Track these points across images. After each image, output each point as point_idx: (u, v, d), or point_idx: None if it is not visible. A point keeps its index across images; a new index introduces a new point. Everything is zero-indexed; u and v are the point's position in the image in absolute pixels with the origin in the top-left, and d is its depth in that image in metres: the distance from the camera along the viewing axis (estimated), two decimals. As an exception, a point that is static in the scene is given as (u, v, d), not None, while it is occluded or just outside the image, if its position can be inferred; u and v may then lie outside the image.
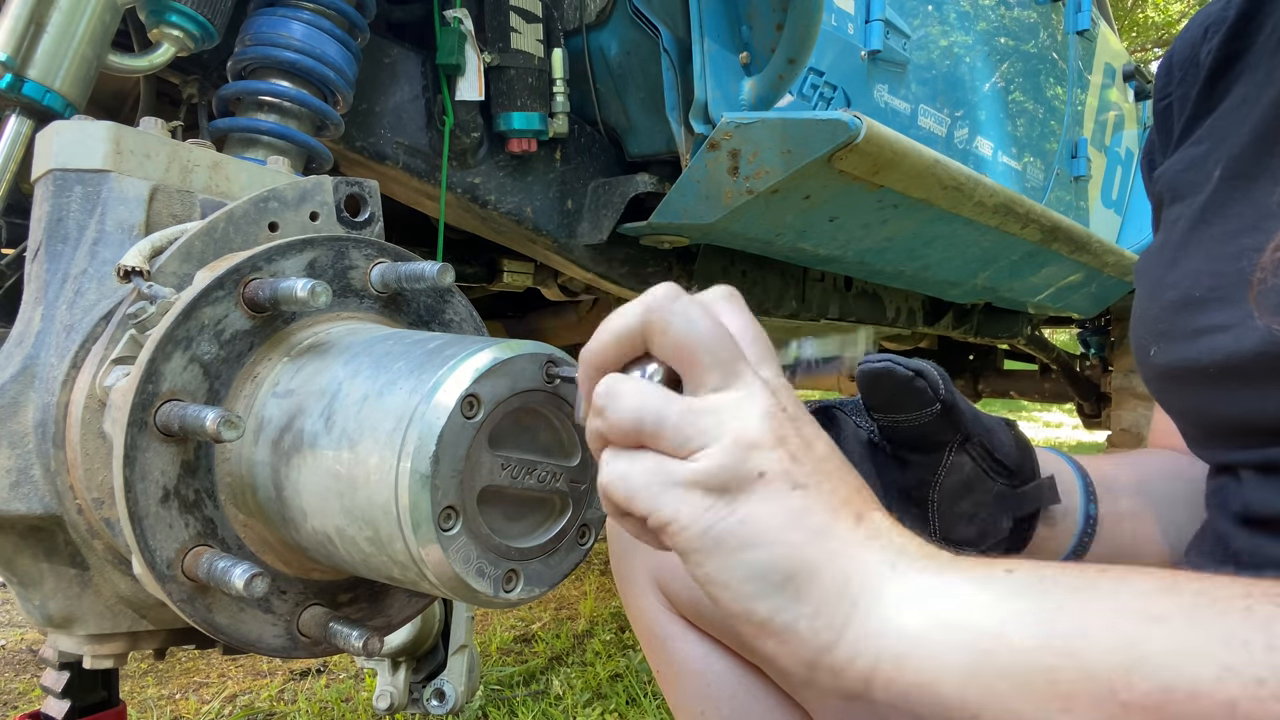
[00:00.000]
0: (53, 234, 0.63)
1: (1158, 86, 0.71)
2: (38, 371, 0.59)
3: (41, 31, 0.73)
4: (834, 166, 1.18)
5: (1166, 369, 0.58)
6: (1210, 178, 0.58)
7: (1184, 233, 0.59)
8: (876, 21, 1.41)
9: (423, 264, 0.58)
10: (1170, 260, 0.59)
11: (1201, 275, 0.55)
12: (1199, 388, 0.56)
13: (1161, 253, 0.61)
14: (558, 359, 0.50)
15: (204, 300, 0.52)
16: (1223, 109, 0.62)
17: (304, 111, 0.92)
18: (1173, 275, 0.58)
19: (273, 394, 0.54)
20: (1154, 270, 0.61)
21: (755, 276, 1.65)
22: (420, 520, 0.44)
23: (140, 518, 0.50)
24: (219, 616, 0.53)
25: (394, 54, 1.15)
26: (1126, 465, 0.72)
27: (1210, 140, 0.61)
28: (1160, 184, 0.66)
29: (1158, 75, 0.71)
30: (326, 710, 1.78)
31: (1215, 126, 0.62)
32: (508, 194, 1.27)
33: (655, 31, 1.26)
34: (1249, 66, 0.61)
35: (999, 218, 1.56)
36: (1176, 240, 0.59)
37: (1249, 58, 0.61)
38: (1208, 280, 0.54)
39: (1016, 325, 2.61)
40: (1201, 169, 0.60)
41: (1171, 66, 0.69)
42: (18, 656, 2.08)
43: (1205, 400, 0.56)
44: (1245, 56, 0.61)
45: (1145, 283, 0.63)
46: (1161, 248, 0.61)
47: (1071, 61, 2.12)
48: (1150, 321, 0.60)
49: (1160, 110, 0.70)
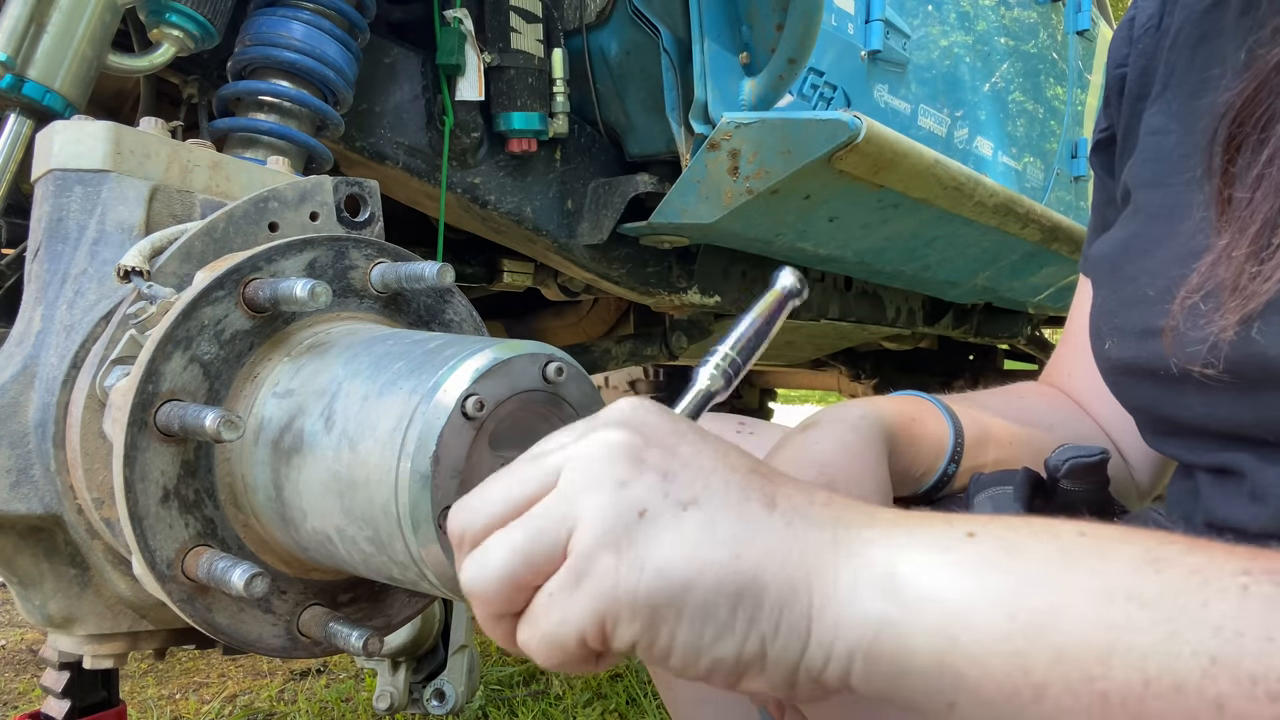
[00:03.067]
0: (53, 234, 0.63)
1: (1116, 51, 0.67)
2: (38, 371, 0.59)
3: (41, 31, 0.72)
4: (834, 166, 1.18)
5: (1120, 364, 0.57)
6: (1183, 169, 0.55)
7: (1148, 226, 0.57)
8: (876, 21, 1.41)
9: (423, 264, 0.58)
10: (1133, 253, 0.57)
11: (1158, 275, 0.53)
12: (1151, 387, 0.54)
13: (1124, 244, 0.59)
14: (558, 359, 0.50)
15: (204, 300, 0.52)
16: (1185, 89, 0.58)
17: (304, 111, 0.92)
18: (1132, 269, 0.56)
19: (273, 394, 0.54)
20: (1114, 261, 0.59)
21: (755, 276, 1.65)
22: (420, 520, 0.44)
23: (140, 518, 0.50)
24: (219, 616, 0.53)
25: (394, 54, 1.15)
26: (1009, 415, 0.71)
27: (1178, 129, 0.58)
28: (1127, 173, 0.63)
29: (1115, 40, 0.67)
30: (326, 710, 1.78)
31: (1179, 112, 0.58)
32: (508, 194, 1.27)
33: (655, 31, 1.26)
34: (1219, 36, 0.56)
35: (999, 218, 1.56)
36: (1140, 233, 0.57)
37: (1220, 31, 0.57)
38: (1163, 281, 0.52)
39: (1016, 325, 2.61)
40: (1169, 159, 0.57)
41: (1133, 32, 0.65)
42: (18, 656, 2.08)
43: (1157, 400, 0.55)
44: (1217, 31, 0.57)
45: (1104, 272, 0.61)
46: (1124, 239, 0.59)
47: (1071, 61, 2.12)
48: (1107, 314, 0.59)
49: (1115, 78, 0.66)
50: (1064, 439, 0.69)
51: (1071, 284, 2.21)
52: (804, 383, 3.79)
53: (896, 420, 0.62)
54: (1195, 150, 0.55)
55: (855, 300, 1.94)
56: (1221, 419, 0.50)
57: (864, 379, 2.89)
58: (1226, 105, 0.51)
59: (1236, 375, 0.47)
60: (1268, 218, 0.46)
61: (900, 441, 0.62)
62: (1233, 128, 0.50)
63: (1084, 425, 0.73)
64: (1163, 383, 0.52)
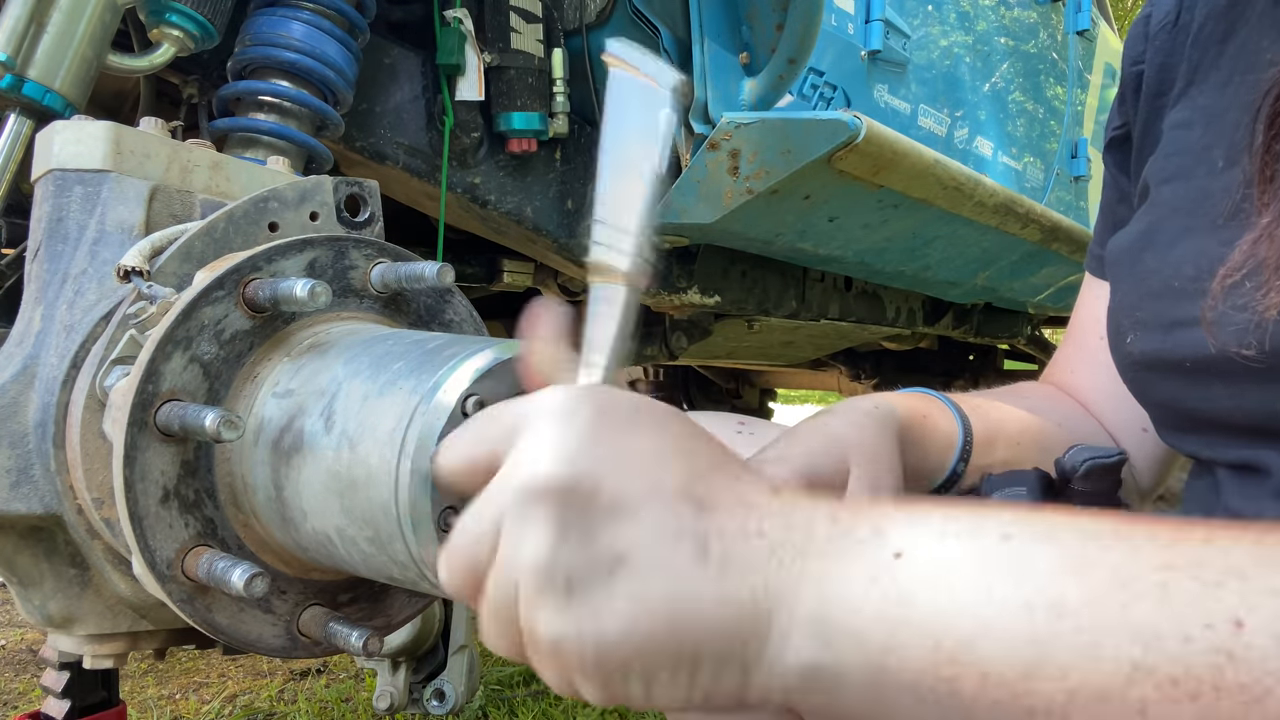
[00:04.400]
0: (53, 234, 0.63)
1: (1131, 49, 0.66)
2: (38, 371, 0.59)
3: (41, 31, 0.73)
4: (834, 166, 1.18)
5: (1142, 359, 0.57)
6: (1205, 161, 0.55)
7: (1172, 218, 0.57)
8: (876, 21, 1.41)
9: (423, 264, 0.58)
10: (1157, 245, 0.57)
11: (1185, 265, 0.53)
12: (1174, 381, 0.54)
13: (1147, 237, 0.59)
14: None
15: (204, 300, 0.52)
16: (1212, 83, 0.58)
17: (304, 111, 0.92)
18: (1156, 261, 0.56)
19: (273, 394, 0.54)
20: (1136, 254, 0.59)
21: (755, 276, 1.65)
22: (420, 520, 0.44)
23: (140, 518, 0.50)
24: (219, 616, 0.53)
25: (394, 54, 1.15)
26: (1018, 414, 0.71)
27: (1202, 123, 0.58)
28: (1148, 170, 0.63)
29: (1130, 37, 0.67)
30: (326, 710, 1.78)
31: (1206, 106, 0.58)
32: (508, 194, 1.27)
33: (655, 31, 1.26)
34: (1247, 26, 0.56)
35: (999, 218, 1.56)
36: (1164, 226, 0.57)
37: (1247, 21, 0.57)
38: (1190, 271, 0.52)
39: (1016, 325, 2.61)
40: (1192, 153, 0.57)
41: (1149, 29, 0.65)
42: (18, 656, 2.08)
43: (1180, 394, 0.55)
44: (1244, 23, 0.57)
45: (1125, 267, 0.61)
46: (1147, 232, 0.59)
47: (1071, 61, 2.12)
48: (1129, 308, 0.58)
49: (1130, 76, 0.66)
50: (1073, 437, 0.69)
51: (1072, 284, 2.22)
52: (804, 383, 3.78)
53: (909, 415, 0.62)
54: (1221, 141, 0.54)
55: (855, 300, 1.94)
56: (1248, 411, 0.50)
57: (864, 379, 2.89)
58: (1271, 82, 0.50)
59: (1271, 360, 0.46)
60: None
61: (912, 436, 0.62)
62: (1277, 104, 0.50)
63: (1088, 424, 0.73)
64: (1188, 375, 0.52)
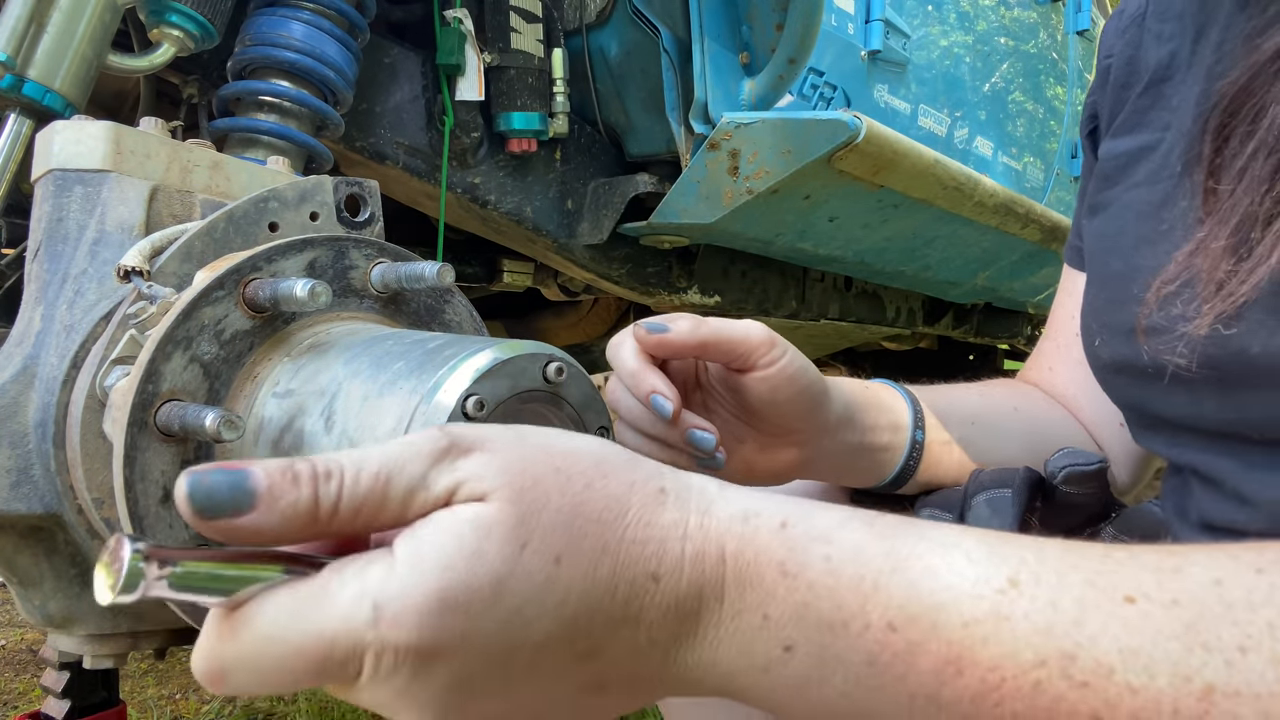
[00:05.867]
0: (53, 234, 0.63)
1: (1104, 42, 0.67)
2: (38, 371, 0.59)
3: (41, 31, 0.73)
4: (834, 166, 1.18)
5: (1110, 363, 0.57)
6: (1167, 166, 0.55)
7: (1135, 223, 0.56)
8: (876, 21, 1.41)
9: (423, 264, 0.58)
10: (1121, 249, 0.56)
11: (1142, 271, 0.52)
12: (1138, 385, 0.54)
13: (1112, 239, 0.58)
14: (558, 359, 0.50)
15: (204, 300, 0.52)
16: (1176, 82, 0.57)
17: (304, 111, 0.92)
18: (1119, 264, 0.56)
19: (273, 394, 0.54)
20: (1103, 258, 0.59)
21: (755, 276, 1.65)
22: (420, 520, 0.44)
23: (140, 518, 0.50)
24: (219, 616, 0.53)
25: (394, 54, 1.15)
26: (971, 397, 0.72)
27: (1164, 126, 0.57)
28: (1106, 161, 0.62)
29: (1105, 31, 0.67)
30: (327, 710, 1.78)
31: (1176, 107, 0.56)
32: (508, 194, 1.27)
33: (655, 31, 1.26)
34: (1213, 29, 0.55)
35: (999, 218, 1.56)
36: (1126, 230, 0.57)
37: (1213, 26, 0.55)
38: (1147, 277, 0.52)
39: (1016, 325, 2.61)
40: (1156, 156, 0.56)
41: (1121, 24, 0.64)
42: (18, 656, 2.08)
43: (1143, 398, 0.55)
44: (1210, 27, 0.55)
45: (1093, 269, 0.60)
46: (1112, 234, 0.58)
47: (1071, 61, 2.12)
48: (1096, 312, 0.58)
49: (1103, 68, 0.66)
50: (1031, 421, 0.69)
51: (1072, 284, 2.21)
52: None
53: (845, 381, 0.64)
54: (1178, 147, 0.54)
55: (855, 300, 1.94)
56: (1206, 418, 0.49)
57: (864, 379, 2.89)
58: (1219, 94, 0.50)
59: (1215, 372, 0.46)
60: (1248, 212, 0.44)
61: (854, 398, 0.63)
62: (1224, 117, 0.49)
63: (1054, 412, 0.73)
64: (1150, 380, 0.52)
